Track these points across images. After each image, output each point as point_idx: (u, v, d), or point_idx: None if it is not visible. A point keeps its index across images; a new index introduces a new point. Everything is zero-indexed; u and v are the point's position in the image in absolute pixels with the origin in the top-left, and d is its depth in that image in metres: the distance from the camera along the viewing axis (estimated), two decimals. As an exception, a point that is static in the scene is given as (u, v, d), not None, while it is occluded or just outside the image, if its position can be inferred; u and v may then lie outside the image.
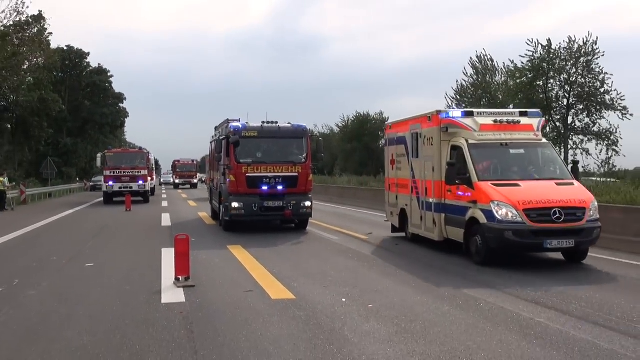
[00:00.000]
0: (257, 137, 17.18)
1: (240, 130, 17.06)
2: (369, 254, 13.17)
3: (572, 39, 35.61)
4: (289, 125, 17.67)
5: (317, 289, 9.11)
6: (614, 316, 7.38)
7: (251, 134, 17.10)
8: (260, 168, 16.92)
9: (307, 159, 17.41)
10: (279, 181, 16.92)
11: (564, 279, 9.92)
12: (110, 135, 71.43)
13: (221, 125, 20.47)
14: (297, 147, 17.53)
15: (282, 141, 17.53)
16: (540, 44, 36.08)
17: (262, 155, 17.19)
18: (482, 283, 9.59)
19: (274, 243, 14.97)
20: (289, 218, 17.46)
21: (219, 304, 8.20)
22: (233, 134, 17.04)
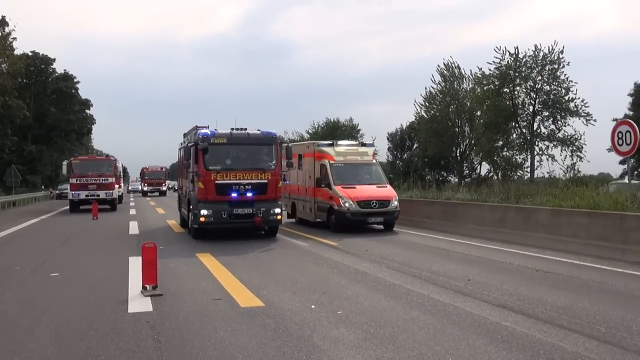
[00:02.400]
0: (226, 143, 17.11)
1: (209, 137, 16.96)
2: (338, 259, 13.19)
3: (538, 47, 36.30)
4: (258, 132, 17.65)
5: (286, 296, 9.09)
6: (579, 319, 7.52)
7: (220, 140, 17.02)
8: (230, 175, 16.84)
9: (276, 165, 17.40)
10: (249, 188, 16.86)
11: (529, 283, 10.08)
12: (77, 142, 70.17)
13: (190, 132, 20.34)
14: (267, 154, 17.51)
15: (251, 148, 17.51)
16: (507, 51, 36.70)
17: (231, 162, 17.12)
18: (450, 288, 9.68)
19: (244, 250, 14.91)
20: (258, 225, 17.39)
21: (187, 312, 8.12)
22: (202, 140, 16.93)
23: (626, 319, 7.46)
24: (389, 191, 19.24)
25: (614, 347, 6.35)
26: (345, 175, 19.40)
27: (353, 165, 19.85)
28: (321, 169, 19.82)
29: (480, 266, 11.90)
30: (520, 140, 37.68)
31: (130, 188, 73.32)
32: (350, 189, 18.73)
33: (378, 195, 18.67)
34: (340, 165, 19.61)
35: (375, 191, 18.87)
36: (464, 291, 9.40)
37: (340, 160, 19.78)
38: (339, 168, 19.53)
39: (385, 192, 19.08)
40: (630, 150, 13.50)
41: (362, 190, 18.75)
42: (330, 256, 13.75)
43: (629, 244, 12.35)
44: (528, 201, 17.06)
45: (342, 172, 19.47)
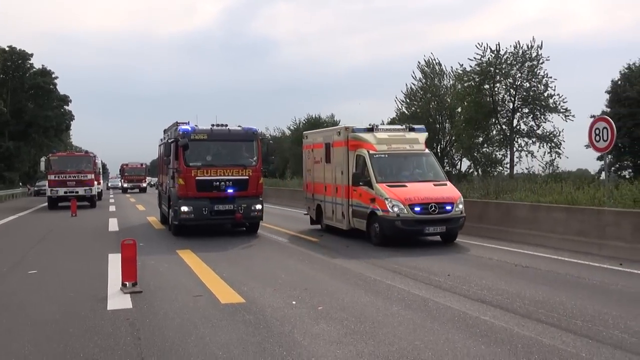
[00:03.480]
0: (206, 140, 17.04)
1: (189, 133, 16.88)
2: (319, 255, 13.22)
3: (517, 44, 36.59)
4: (239, 128, 17.60)
5: (267, 292, 9.09)
6: (556, 313, 7.62)
7: (201, 136, 16.94)
8: (210, 171, 16.77)
9: (257, 161, 17.36)
10: (229, 184, 16.81)
11: (508, 278, 10.19)
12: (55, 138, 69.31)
13: (170, 128, 20.20)
14: (248, 150, 17.47)
15: (232, 144, 17.45)
16: (489, 47, 36.94)
17: (212, 159, 17.05)
18: (430, 283, 9.75)
19: (224, 247, 14.86)
20: (239, 221, 17.38)
21: (167, 309, 8.08)
22: (182, 136, 16.84)
23: (602, 313, 7.58)
24: (450, 190, 14.70)
25: (590, 340, 6.45)
26: (391, 170, 15.20)
27: (400, 157, 15.51)
28: (357, 162, 15.56)
29: (460, 261, 12.00)
30: (500, 137, 38.00)
31: (110, 185, 72.65)
32: (400, 188, 14.32)
33: (437, 196, 14.13)
34: (383, 157, 15.24)
35: (433, 191, 14.37)
36: (443, 286, 9.48)
37: (383, 149, 15.33)
38: (382, 160, 15.19)
39: (447, 191, 14.54)
40: (607, 146, 13.68)
41: (415, 190, 14.23)
42: (311, 252, 13.78)
43: (605, 239, 12.54)
44: (507, 197, 17.24)
45: (386, 165, 15.22)
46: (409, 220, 13.82)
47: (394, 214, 13.88)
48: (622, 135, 40.89)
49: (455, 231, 14.43)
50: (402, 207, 13.83)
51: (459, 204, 14.22)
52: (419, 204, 13.86)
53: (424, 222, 13.87)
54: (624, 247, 12.00)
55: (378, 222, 14.24)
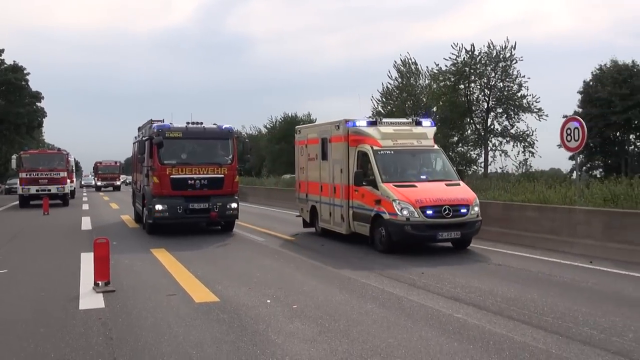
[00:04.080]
0: (181, 137, 16.92)
1: (164, 131, 16.74)
2: (295, 254, 13.23)
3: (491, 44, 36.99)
4: (215, 127, 17.52)
5: (241, 291, 9.07)
6: (528, 310, 7.74)
7: (175, 134, 16.82)
8: (185, 169, 16.66)
9: (233, 160, 17.29)
10: (204, 183, 16.72)
11: (481, 275, 10.32)
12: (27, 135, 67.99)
13: (144, 126, 20.01)
14: (223, 148, 17.39)
15: (207, 142, 17.36)
16: (464, 47, 37.27)
17: (187, 157, 16.94)
18: (404, 281, 9.82)
19: (199, 246, 14.79)
20: (214, 220, 17.30)
21: (140, 308, 8.02)
22: (156, 134, 16.70)
23: (572, 310, 7.72)
24: (465, 191, 13.28)
25: (560, 337, 6.56)
26: (398, 168, 13.90)
27: (408, 153, 14.13)
28: (359, 159, 14.10)
29: (433, 260, 12.10)
30: (475, 136, 38.41)
31: (83, 183, 71.71)
32: (409, 188, 12.88)
33: (451, 197, 12.76)
34: (388, 153, 13.83)
35: (446, 192, 12.98)
36: (417, 284, 9.56)
37: (389, 145, 13.92)
38: (387, 157, 13.78)
39: (461, 192, 13.13)
40: (578, 146, 13.90)
41: (426, 191, 12.82)
42: (287, 251, 13.79)
43: (576, 237, 12.75)
44: (481, 196, 17.39)
45: (392, 163, 13.86)
46: (420, 225, 12.34)
47: (403, 217, 12.38)
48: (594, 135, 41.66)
49: (470, 237, 13.14)
50: (413, 210, 12.35)
51: (474, 206, 12.81)
52: (432, 207, 12.41)
53: (437, 226, 12.40)
54: (595, 245, 12.22)
55: (384, 227, 12.78)
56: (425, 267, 10.97)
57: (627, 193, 13.49)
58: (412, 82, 44.75)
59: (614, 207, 13.18)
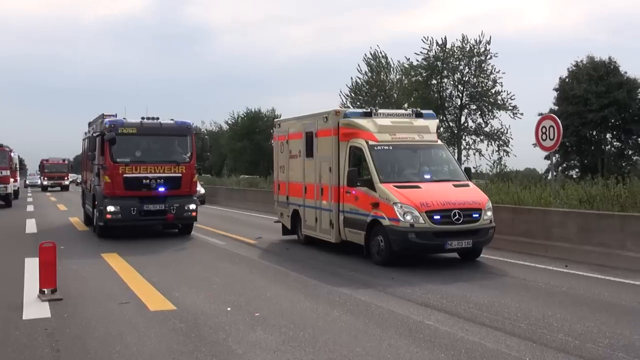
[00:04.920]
0: (135, 134, 16.73)
1: (116, 127, 16.52)
2: (257, 259, 13.21)
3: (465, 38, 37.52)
4: (172, 122, 17.37)
5: (200, 298, 9.02)
6: (501, 316, 7.87)
7: (129, 130, 16.62)
8: (140, 168, 16.48)
9: (191, 158, 17.18)
10: (161, 182, 16.57)
11: (453, 280, 10.44)
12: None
13: (95, 121, 19.73)
14: (181, 146, 17.27)
15: (163, 139, 17.22)
16: (435, 41, 37.72)
17: (142, 154, 16.76)
18: (373, 287, 9.89)
19: (154, 250, 14.66)
20: (171, 222, 17.16)
21: (90, 318, 7.91)
22: (108, 130, 16.48)
23: (547, 316, 7.87)
24: (475, 193, 12.44)
25: (534, 344, 6.68)
26: (397, 166, 13.04)
27: (408, 149, 13.19)
28: (351, 156, 13.12)
29: (404, 265, 12.16)
30: (448, 134, 38.90)
31: (28, 182, 70.23)
32: (412, 189, 11.96)
33: (461, 200, 11.84)
34: (386, 149, 12.84)
35: (455, 193, 12.07)
36: (387, 290, 9.63)
37: (386, 140, 12.92)
38: (385, 153, 12.80)
39: (471, 194, 12.28)
40: (553, 145, 14.20)
41: (432, 193, 11.93)
42: (249, 255, 13.75)
43: (551, 240, 13.02)
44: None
45: (391, 160, 12.96)
46: (427, 232, 11.41)
47: (406, 223, 11.39)
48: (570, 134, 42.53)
49: (482, 246, 12.27)
50: (417, 215, 11.40)
51: (487, 210, 12.02)
52: (439, 211, 11.49)
53: (446, 234, 11.54)
54: (570, 248, 12.49)
55: (383, 235, 11.77)
56: (396, 273, 11.05)
57: (603, 194, 13.82)
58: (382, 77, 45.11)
59: (590, 208, 13.49)
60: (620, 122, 45.27)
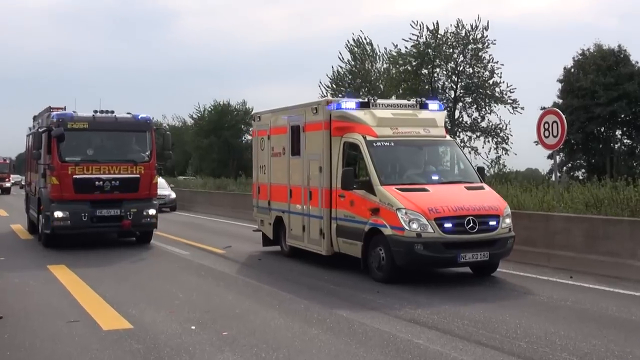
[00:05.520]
0: (87, 129, 16.62)
1: (65, 121, 16.40)
2: (226, 271, 13.19)
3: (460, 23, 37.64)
4: (129, 116, 17.30)
5: (160, 316, 8.99)
6: (498, 334, 7.94)
7: (80, 125, 16.50)
8: (92, 168, 16.37)
9: (151, 157, 17.10)
10: (116, 184, 16.46)
11: (446, 294, 10.53)
12: None
13: (41, 115, 19.59)
14: (139, 143, 17.21)
15: (119, 135, 17.15)
16: (426, 27, 37.84)
17: (94, 153, 16.66)
18: (355, 302, 9.92)
19: (109, 261, 14.60)
20: (128, 229, 17.05)
21: (34, 338, 7.85)
22: (56, 125, 16.36)
23: (549, 333, 7.96)
24: (492, 197, 12.18)
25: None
26: (401, 165, 12.79)
27: (413, 146, 12.85)
28: (346, 153, 12.75)
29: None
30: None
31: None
32: (418, 193, 11.58)
33: (476, 205, 11.45)
34: (387, 146, 12.43)
35: (468, 198, 11.72)
36: (371, 305, 9.66)
37: (387, 135, 12.50)
38: (386, 151, 12.42)
39: (487, 199, 11.96)
40: (556, 143, 14.32)
41: (442, 197, 11.57)
42: (216, 266, 13.73)
43: (554, 249, 13.15)
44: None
45: (393, 158, 12.68)
46: (436, 243, 10.98)
47: (411, 232, 10.97)
48: (575, 130, 43.04)
49: (499, 258, 11.94)
50: (425, 223, 10.97)
51: (505, 217, 11.62)
52: (451, 218, 11.10)
53: (459, 245, 11.11)
54: (575, 258, 12.63)
55: (385, 246, 11.34)
56: (381, 286, 11.08)
57: (612, 197, 14.00)
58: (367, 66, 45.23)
59: (597, 213, 13.66)
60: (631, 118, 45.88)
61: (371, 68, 45.49)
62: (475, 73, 38.05)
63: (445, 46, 37.80)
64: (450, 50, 37.92)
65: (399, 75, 39.87)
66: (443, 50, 37.81)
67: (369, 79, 45.07)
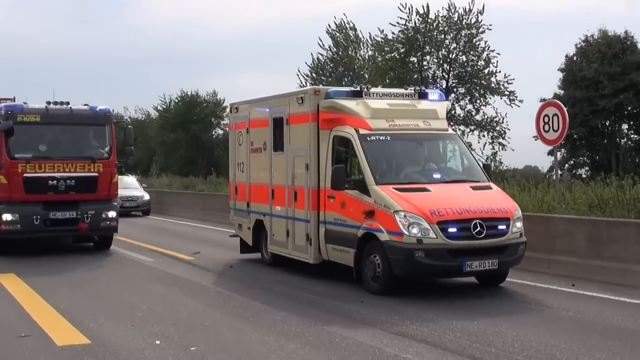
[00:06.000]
0: (39, 122, 16.52)
1: (15, 113, 16.29)
2: (194, 279, 13.15)
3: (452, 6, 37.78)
4: (86, 108, 17.22)
5: (121, 329, 8.96)
6: (494, 347, 7.99)
7: (31, 118, 16.40)
8: (45, 166, 16.28)
9: (111, 153, 17.04)
10: (71, 184, 16.38)
11: (437, 304, 10.57)
12: None
13: (-13, 106, 19.39)
14: (97, 138, 17.16)
15: (75, 129, 17.09)
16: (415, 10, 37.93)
17: (47, 149, 16.60)
18: (338, 313, 9.94)
19: (64, 269, 14.56)
20: (85, 234, 16.95)
21: (-20, 355, 7.79)
22: (4, 118, 16.25)
23: (549, 346, 8.02)
24: (501, 198, 12.09)
25: (533, 380, 6.81)
26: (398, 163, 12.69)
27: (412, 140, 12.72)
28: (336, 149, 12.59)
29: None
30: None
31: None
32: (418, 193, 11.45)
33: (483, 207, 11.31)
34: (383, 140, 12.27)
35: (474, 199, 11.59)
36: (355, 316, 9.68)
37: (383, 128, 12.33)
38: (382, 146, 12.31)
39: (495, 200, 11.84)
40: (557, 138, 14.40)
41: (445, 197, 11.48)
42: (183, 275, 13.70)
43: (555, 254, 13.23)
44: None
45: (389, 154, 12.58)
46: (439, 250, 10.83)
47: (411, 238, 10.79)
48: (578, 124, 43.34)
49: (509, 267, 11.77)
50: (427, 227, 10.82)
51: (516, 220, 11.49)
52: (456, 222, 10.97)
53: (465, 252, 10.97)
54: (577, 264, 12.71)
55: (381, 254, 11.12)
56: (366, 295, 11.10)
57: (618, 197, 14.11)
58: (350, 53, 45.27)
59: (602, 215, 13.77)
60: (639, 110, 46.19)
61: (355, 55, 45.52)
62: (469, 61, 38.20)
63: (436, 32, 37.91)
64: (441, 36, 38.04)
65: (385, 64, 39.93)
66: (434, 36, 37.93)
67: (352, 67, 45.11)
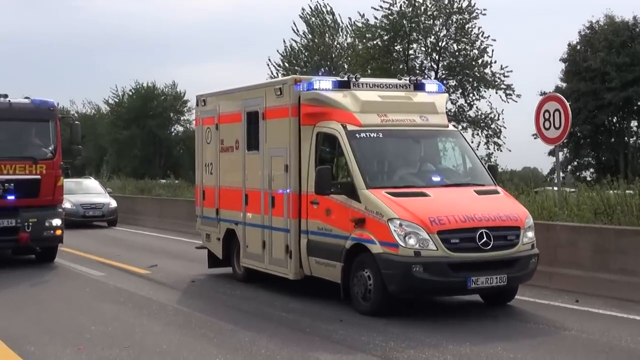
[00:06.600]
0: (-27, 118, 16.42)
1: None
2: (151, 296, 13.10)
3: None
4: (27, 101, 17.19)
5: (66, 354, 8.92)
6: (488, 371, 8.05)
7: (-36, 113, 16.31)
8: (-21, 167, 16.18)
9: (55, 153, 16.96)
10: (10, 188, 16.30)
11: (424, 323, 10.61)
12: None
13: None
14: (40, 135, 17.14)
15: (15, 125, 17.03)
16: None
17: (-18, 148, 16.46)
18: (314, 333, 9.94)
19: (1, 285, 14.48)
20: (26, 245, 16.86)
21: None
22: None
23: (550, 369, 8.09)
24: (509, 204, 11.96)
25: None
26: (392, 163, 12.61)
27: (407, 138, 12.56)
28: (320, 148, 12.37)
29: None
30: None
31: None
32: (416, 198, 11.22)
33: (489, 214, 11.10)
34: (374, 137, 12.02)
35: (480, 205, 11.41)
36: (334, 337, 9.70)
37: (374, 123, 12.06)
38: (372, 144, 12.07)
39: (504, 206, 11.67)
40: (559, 136, 14.45)
41: (446, 203, 11.30)
42: (137, 291, 13.65)
43: (557, 266, 13.30)
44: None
45: (381, 153, 12.43)
46: (440, 264, 10.55)
47: (408, 250, 10.54)
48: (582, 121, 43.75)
49: (519, 283, 11.56)
50: (426, 238, 10.58)
51: (527, 229, 11.33)
52: (458, 231, 10.77)
53: (469, 266, 10.74)
54: (581, 277, 12.80)
55: (372, 268, 10.85)
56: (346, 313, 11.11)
57: (626, 203, 14.21)
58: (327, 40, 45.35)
59: (609, 222, 13.86)
60: (649, 106, 46.60)
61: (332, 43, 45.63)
62: (460, 50, 38.42)
63: (424, 16, 38.10)
64: (430, 22, 38.24)
65: (366, 52, 40.05)
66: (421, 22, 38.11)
67: (329, 56, 45.20)
